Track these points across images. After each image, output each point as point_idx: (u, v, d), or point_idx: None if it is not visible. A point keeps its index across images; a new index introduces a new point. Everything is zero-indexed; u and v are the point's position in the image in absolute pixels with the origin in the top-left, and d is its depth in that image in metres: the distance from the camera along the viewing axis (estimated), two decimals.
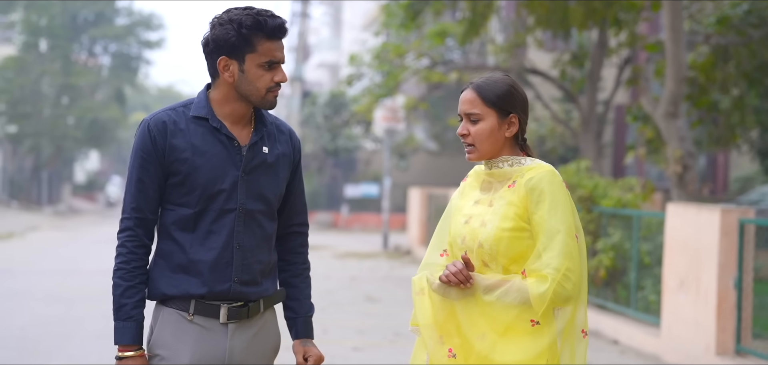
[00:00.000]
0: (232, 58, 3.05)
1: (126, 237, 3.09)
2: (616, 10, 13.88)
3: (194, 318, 3.09)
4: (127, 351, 3.06)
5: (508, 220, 2.94)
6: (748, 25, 12.57)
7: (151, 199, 3.09)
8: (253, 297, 3.15)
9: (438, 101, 28.70)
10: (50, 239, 23.32)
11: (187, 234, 3.09)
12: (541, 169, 2.98)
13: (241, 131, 3.13)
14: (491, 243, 2.95)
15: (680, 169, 11.21)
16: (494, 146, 3.04)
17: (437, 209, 19.63)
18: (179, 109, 3.14)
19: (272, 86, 3.07)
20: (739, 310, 8.02)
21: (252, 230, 3.13)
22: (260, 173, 3.14)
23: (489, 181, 3.08)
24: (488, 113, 3.02)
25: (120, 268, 3.08)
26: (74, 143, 41.23)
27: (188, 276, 3.08)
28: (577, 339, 2.97)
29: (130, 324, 3.06)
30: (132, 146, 3.13)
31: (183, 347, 3.08)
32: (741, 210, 8.23)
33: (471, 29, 14.59)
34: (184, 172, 3.07)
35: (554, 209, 2.92)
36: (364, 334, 9.80)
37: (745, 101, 13.76)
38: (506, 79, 3.07)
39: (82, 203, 45.97)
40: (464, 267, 2.95)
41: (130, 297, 3.06)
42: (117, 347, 3.09)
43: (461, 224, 3.05)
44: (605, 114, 17.03)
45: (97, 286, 13.38)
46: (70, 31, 40.02)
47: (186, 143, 3.08)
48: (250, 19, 3.01)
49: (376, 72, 19.67)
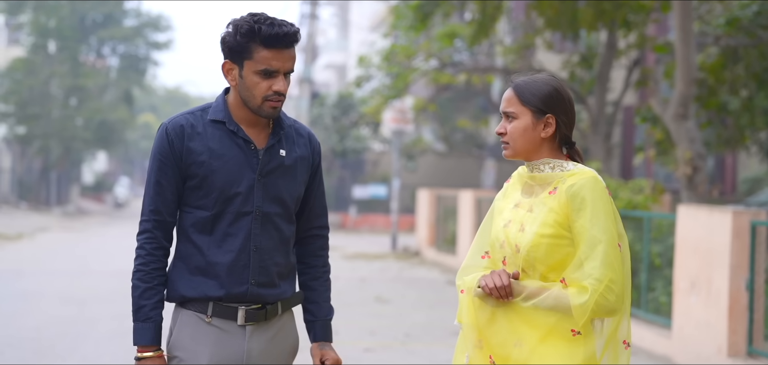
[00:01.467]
0: (234, 62, 3.07)
1: (145, 239, 3.12)
2: (625, 12, 13.89)
3: (212, 320, 3.11)
4: (146, 351, 3.09)
5: (548, 227, 2.89)
6: (757, 26, 12.55)
7: (170, 202, 3.12)
8: (271, 300, 3.16)
9: (446, 102, 28.73)
10: (60, 240, 23.39)
11: (204, 237, 3.11)
12: (583, 175, 2.92)
13: (258, 134, 3.14)
14: (529, 249, 2.90)
15: (690, 171, 11.22)
16: (529, 145, 2.99)
17: (446, 210, 19.67)
18: (197, 112, 3.16)
19: (269, 95, 3.05)
20: (750, 312, 8.04)
21: (269, 232, 3.14)
22: (277, 176, 3.15)
23: (530, 184, 3.03)
24: (523, 112, 2.98)
25: (139, 270, 3.11)
26: (83, 144, 41.30)
27: (206, 278, 3.10)
28: (620, 351, 2.92)
29: (149, 325, 3.08)
30: (151, 150, 3.16)
31: (201, 349, 3.10)
32: (753, 212, 8.25)
33: (480, 30, 14.61)
34: (201, 174, 3.09)
35: (596, 217, 2.85)
36: (376, 335, 9.83)
37: (754, 102, 13.74)
38: (548, 80, 3.02)
39: (90, 204, 46.06)
40: (509, 285, 2.91)
41: (148, 298, 3.09)
42: (136, 348, 3.11)
43: (500, 227, 3.02)
44: (614, 115, 17.04)
45: (108, 287, 13.44)
46: (78, 33, 40.10)
47: (203, 146, 3.10)
48: (246, 26, 3.01)
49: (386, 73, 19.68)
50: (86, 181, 52.23)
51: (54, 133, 38.68)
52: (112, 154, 55.79)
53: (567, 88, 3.04)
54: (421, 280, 15.78)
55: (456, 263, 17.77)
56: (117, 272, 15.60)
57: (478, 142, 29.11)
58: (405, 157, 28.73)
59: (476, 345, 3.01)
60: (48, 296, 12.32)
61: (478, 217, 16.92)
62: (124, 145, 51.87)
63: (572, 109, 3.03)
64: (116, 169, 65.59)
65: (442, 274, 16.86)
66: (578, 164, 2.99)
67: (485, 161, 27.85)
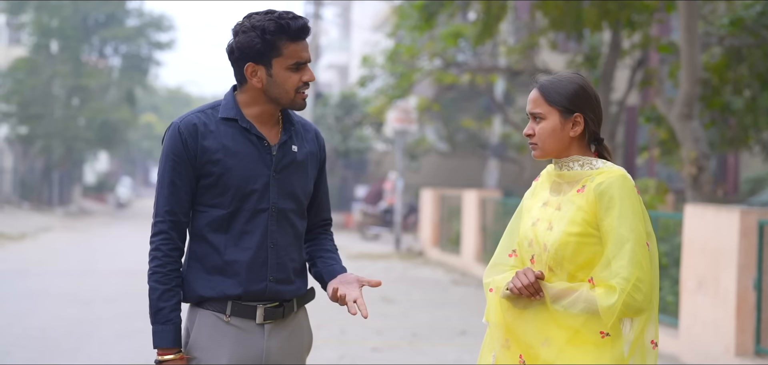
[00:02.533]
0: (260, 63, 3.06)
1: (161, 240, 3.10)
2: (629, 12, 13.89)
3: (231, 320, 3.10)
4: (167, 354, 3.07)
5: (576, 225, 2.89)
6: (761, 26, 12.56)
7: (184, 202, 3.10)
8: (288, 296, 3.16)
9: (450, 102, 28.73)
10: (63, 240, 23.39)
11: (220, 235, 3.10)
12: (611, 174, 2.91)
13: (269, 131, 3.15)
14: (557, 247, 2.90)
15: (695, 171, 11.21)
16: (558, 145, 2.99)
17: (450, 210, 19.67)
18: (207, 111, 3.15)
19: (300, 86, 3.09)
20: (758, 311, 8.04)
21: (284, 229, 3.15)
22: (291, 172, 3.16)
23: (558, 182, 3.03)
24: (551, 112, 2.98)
25: (156, 271, 3.09)
26: (85, 144, 41.28)
27: (224, 277, 3.09)
28: (647, 351, 2.92)
29: (170, 327, 3.07)
30: (162, 149, 3.14)
31: (221, 349, 3.09)
32: (760, 211, 8.25)
33: (485, 30, 14.60)
34: (216, 173, 3.08)
35: (624, 216, 2.84)
36: (382, 335, 9.83)
37: (757, 102, 13.75)
38: (574, 78, 3.01)
39: (92, 204, 46.06)
40: (536, 281, 2.90)
41: (167, 300, 3.07)
42: (156, 350, 3.10)
43: (529, 226, 3.01)
44: (618, 115, 17.05)
45: (113, 287, 13.46)
46: (80, 33, 40.10)
47: (217, 144, 3.09)
48: (273, 24, 3.02)
49: (390, 73, 19.69)
50: (88, 181, 52.23)
51: (56, 133, 38.67)
52: (114, 154, 55.79)
53: (592, 85, 3.02)
54: (426, 280, 15.78)
55: (460, 263, 17.77)
56: (121, 272, 15.62)
57: (481, 142, 29.11)
58: (408, 157, 28.73)
59: (504, 345, 3.00)
60: (53, 296, 12.33)
61: (483, 217, 16.93)
62: (126, 145, 51.84)
63: (599, 105, 3.02)
64: (118, 169, 65.59)
65: (447, 274, 16.86)
66: (607, 162, 2.98)
67: (488, 161, 27.84)
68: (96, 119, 40.06)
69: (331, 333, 9.27)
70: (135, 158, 75.27)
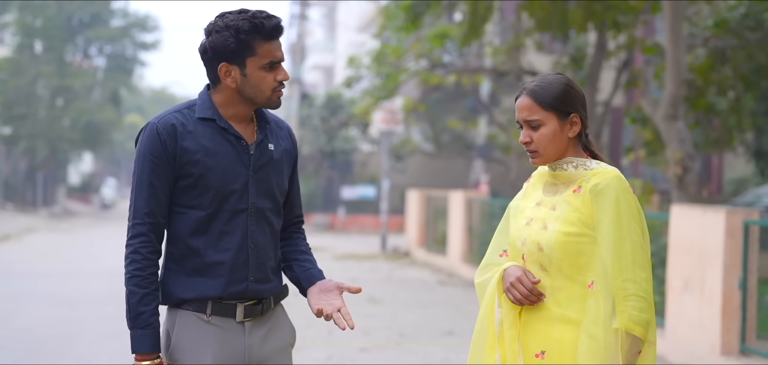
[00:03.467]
0: (233, 63, 3.03)
1: (140, 243, 3.03)
2: (615, 13, 13.95)
3: (211, 319, 3.07)
4: (145, 359, 3.02)
5: (571, 225, 2.88)
6: (745, 28, 12.63)
7: (163, 204, 3.06)
8: (266, 295, 3.15)
9: (435, 103, 28.77)
10: (47, 241, 23.31)
11: (200, 238, 3.06)
12: (607, 175, 2.91)
13: (245, 130, 3.13)
14: (552, 247, 2.90)
15: (680, 171, 11.27)
16: (558, 149, 2.97)
17: (436, 211, 19.70)
18: (183, 110, 3.11)
19: (276, 86, 3.07)
20: (743, 311, 8.09)
21: (263, 228, 3.13)
22: (268, 171, 3.14)
23: (553, 182, 3.02)
24: (548, 117, 2.95)
25: (135, 275, 3.02)
26: (69, 145, 41.16)
27: (205, 278, 3.06)
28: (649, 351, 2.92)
29: (149, 332, 3.02)
30: (138, 150, 3.08)
31: (204, 349, 3.06)
32: (746, 211, 8.31)
33: (471, 31, 14.63)
34: (196, 174, 3.05)
35: (622, 217, 2.84)
36: (369, 335, 9.84)
37: (741, 104, 13.83)
38: (561, 79, 2.99)
39: (76, 205, 45.91)
40: (534, 288, 2.93)
41: (147, 304, 3.02)
42: (134, 356, 3.04)
43: (522, 225, 3.01)
44: (604, 115, 17.11)
45: (99, 288, 13.41)
46: (65, 33, 39.96)
47: (197, 145, 3.05)
48: (247, 24, 2.99)
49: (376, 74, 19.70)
50: (73, 181, 52.04)
51: (40, 133, 38.53)
52: (98, 154, 55.61)
53: (576, 82, 3.02)
54: (413, 281, 15.80)
55: (446, 263, 17.80)
56: (107, 273, 15.55)
57: (466, 143, 29.16)
58: (394, 158, 28.75)
59: (491, 346, 3.01)
60: (38, 297, 12.28)
61: (469, 218, 16.96)
62: (111, 145, 51.69)
63: (585, 101, 3.02)
64: (102, 169, 65.36)
65: (433, 275, 16.89)
66: (601, 163, 2.99)
67: (474, 162, 27.90)
68: (80, 120, 39.94)
69: (318, 334, 9.28)
70: (119, 159, 74.98)
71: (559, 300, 2.92)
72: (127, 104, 59.56)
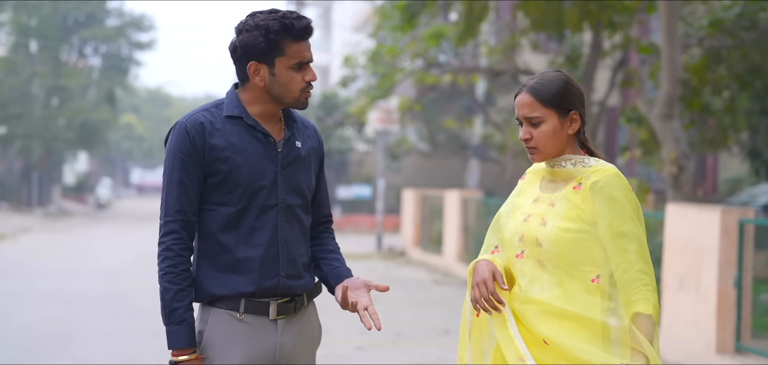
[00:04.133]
0: (262, 62, 3.07)
1: (172, 240, 3.07)
2: (610, 13, 13.99)
3: (244, 318, 3.10)
4: (182, 354, 3.06)
5: (571, 221, 2.91)
6: (739, 27, 12.67)
7: (193, 201, 3.10)
8: (299, 291, 3.18)
9: (430, 103, 28.80)
10: (43, 241, 23.30)
11: (230, 234, 3.10)
12: (607, 172, 2.94)
13: (273, 128, 3.17)
14: (551, 242, 2.93)
15: (676, 170, 11.31)
16: (558, 146, 3.00)
17: (432, 210, 19.72)
18: (211, 109, 3.15)
19: (304, 86, 3.11)
20: (738, 309, 8.13)
21: (293, 224, 3.16)
22: (296, 168, 3.18)
23: (551, 179, 3.05)
24: (549, 114, 2.98)
25: (168, 272, 3.06)
26: (64, 144, 41.09)
27: (237, 274, 3.09)
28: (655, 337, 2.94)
29: (184, 328, 3.05)
30: (167, 149, 3.12)
31: (233, 348, 3.09)
32: (741, 210, 8.34)
33: (467, 31, 14.66)
34: (225, 170, 3.09)
35: (624, 214, 2.89)
36: (366, 334, 9.83)
37: (736, 103, 13.88)
38: (561, 76, 3.02)
39: (72, 205, 45.84)
40: (493, 290, 2.95)
41: (181, 300, 3.05)
42: (170, 351, 3.08)
43: (520, 221, 3.03)
44: (600, 115, 17.16)
45: (95, 287, 13.43)
46: (60, 32, 39.89)
47: (225, 142, 3.09)
48: (277, 24, 3.03)
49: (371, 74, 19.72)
50: (68, 181, 51.97)
51: (35, 133, 38.46)
52: (93, 154, 55.52)
53: (573, 78, 3.05)
54: (408, 280, 15.82)
55: (442, 263, 17.82)
56: (103, 272, 15.57)
57: (462, 143, 29.19)
58: (389, 158, 28.77)
59: (462, 343, 3.07)
60: (35, 296, 12.29)
61: (465, 217, 16.99)
62: (106, 145, 51.62)
63: (584, 98, 3.06)
64: (98, 169, 65.26)
65: (429, 274, 16.91)
66: (599, 160, 3.01)
67: (469, 161, 27.94)
68: (76, 119, 39.88)
69: None
70: (115, 159, 74.93)
71: (558, 296, 2.94)
72: (123, 104, 59.50)
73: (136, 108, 71.67)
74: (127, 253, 19.75)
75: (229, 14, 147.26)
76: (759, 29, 12.46)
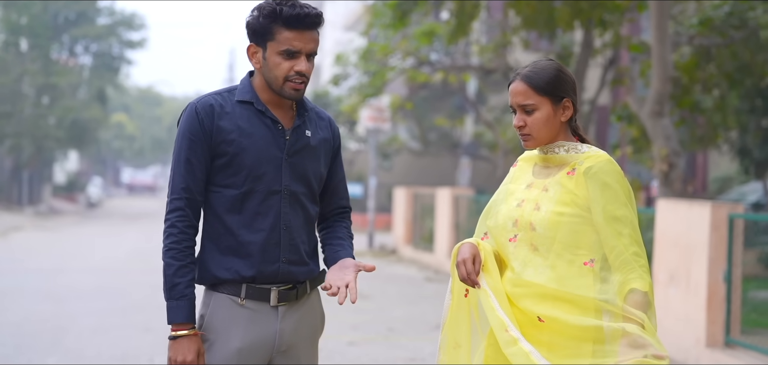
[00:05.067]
0: (258, 45, 3.14)
1: (177, 217, 3.13)
2: (601, 11, 14.05)
3: (245, 303, 3.15)
4: (181, 329, 3.10)
5: (565, 206, 2.98)
6: (729, 26, 12.75)
7: (199, 180, 3.15)
8: (301, 277, 3.21)
9: (422, 101, 28.83)
10: (34, 239, 23.26)
11: (234, 216, 3.15)
12: (599, 158, 3.01)
13: (283, 115, 3.21)
14: (545, 227, 2.98)
15: (666, 168, 11.38)
16: (551, 132, 3.06)
17: (423, 208, 19.77)
18: (224, 93, 3.21)
19: (290, 75, 3.11)
20: (728, 303, 8.19)
21: (296, 211, 3.20)
22: (304, 156, 3.22)
23: (544, 165, 3.11)
24: (542, 101, 3.04)
25: (171, 248, 3.11)
26: (55, 143, 40.97)
27: (238, 258, 3.14)
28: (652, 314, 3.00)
29: (184, 303, 3.10)
30: (179, 129, 3.18)
31: (234, 331, 3.14)
32: (730, 205, 8.41)
33: (458, 29, 14.72)
34: (231, 152, 3.13)
35: (617, 199, 2.95)
36: (358, 330, 9.91)
37: (726, 101, 13.95)
38: (553, 64, 3.09)
39: (62, 204, 45.73)
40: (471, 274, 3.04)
41: (182, 276, 3.10)
42: (170, 326, 3.13)
43: (513, 206, 3.09)
44: (590, 114, 17.22)
45: (86, 284, 13.43)
46: (50, 31, 39.77)
47: (233, 125, 3.14)
48: (268, 8, 3.08)
49: (363, 72, 19.75)
50: (58, 180, 51.82)
51: (26, 131, 38.35)
52: (84, 153, 55.40)
53: (565, 66, 3.12)
54: (400, 277, 15.87)
55: (433, 260, 17.87)
56: (94, 270, 15.56)
57: (453, 141, 29.24)
58: (381, 156, 28.79)
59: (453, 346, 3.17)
60: (26, 293, 12.28)
61: (456, 215, 17.03)
62: (97, 144, 51.47)
63: (576, 86, 3.12)
64: (88, 168, 65.10)
65: (420, 271, 16.95)
66: (591, 147, 3.08)
67: (460, 160, 27.98)
68: (66, 118, 39.77)
69: None
70: (105, 158, 74.74)
71: (551, 278, 2.99)
72: (114, 103, 59.38)
73: (127, 107, 71.52)
74: (119, 251, 19.75)
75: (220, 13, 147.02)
76: (748, 28, 12.53)
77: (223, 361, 3.14)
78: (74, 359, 8.09)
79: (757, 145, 14.93)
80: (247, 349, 3.14)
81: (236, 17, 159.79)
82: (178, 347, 3.10)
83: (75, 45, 42.73)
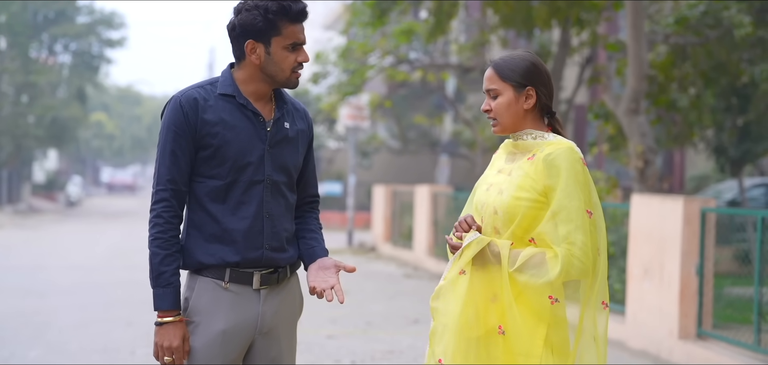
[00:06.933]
0: (259, 41, 3.25)
1: (162, 207, 3.25)
2: (578, 10, 14.20)
3: (229, 286, 3.28)
4: (166, 316, 3.24)
5: (524, 190, 3.10)
6: (704, 25, 12.90)
7: (184, 172, 3.27)
8: (282, 263, 3.36)
9: (401, 100, 28.94)
10: (13, 237, 23.20)
11: (218, 205, 3.28)
12: (560, 146, 3.12)
13: (263, 108, 3.34)
14: (505, 210, 3.12)
15: (642, 164, 11.54)
16: (514, 118, 3.20)
17: (402, 206, 19.88)
18: (206, 86, 3.33)
19: (296, 66, 3.29)
20: (700, 296, 8.35)
21: (278, 200, 3.34)
22: (283, 147, 3.36)
23: (514, 152, 3.25)
24: (505, 87, 3.19)
25: (157, 237, 3.25)
26: (34, 142, 40.80)
27: (223, 245, 3.27)
28: (598, 310, 3.10)
29: (170, 290, 3.24)
30: (162, 122, 3.30)
31: (218, 313, 3.27)
32: (703, 199, 8.57)
33: (437, 28, 14.83)
34: (215, 145, 3.26)
35: (569, 185, 3.05)
36: (337, 323, 10.01)
37: (702, 100, 14.12)
38: (525, 55, 3.23)
39: (42, 202, 45.54)
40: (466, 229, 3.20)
41: (168, 264, 3.24)
42: (156, 313, 3.26)
43: (483, 191, 3.24)
44: (568, 112, 17.37)
45: (68, 280, 13.46)
46: (29, 29, 39.60)
47: (216, 118, 3.27)
48: (275, 5, 3.22)
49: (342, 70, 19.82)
50: (38, 179, 51.58)
51: (5, 130, 38.17)
52: (64, 152, 55.17)
53: (543, 62, 3.25)
54: (379, 273, 15.98)
55: (412, 257, 17.99)
56: (75, 267, 15.58)
57: (432, 139, 29.37)
58: (360, 154, 28.88)
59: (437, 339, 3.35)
60: (7, 290, 12.30)
61: (435, 212, 17.16)
62: (77, 143, 51.25)
63: (550, 80, 3.24)
64: (68, 167, 64.80)
65: (399, 268, 17.07)
66: (558, 136, 3.21)
67: (439, 158, 28.11)
68: (46, 117, 39.62)
69: None
70: (85, 157, 74.41)
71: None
72: (93, 102, 59.16)
73: (107, 106, 71.25)
74: (99, 248, 19.75)
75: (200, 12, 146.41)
76: (723, 27, 12.70)
77: (208, 342, 3.26)
78: (57, 352, 8.16)
79: (732, 144, 15.11)
80: (230, 331, 3.27)
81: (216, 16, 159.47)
82: (164, 332, 3.24)
83: (54, 43, 42.55)
